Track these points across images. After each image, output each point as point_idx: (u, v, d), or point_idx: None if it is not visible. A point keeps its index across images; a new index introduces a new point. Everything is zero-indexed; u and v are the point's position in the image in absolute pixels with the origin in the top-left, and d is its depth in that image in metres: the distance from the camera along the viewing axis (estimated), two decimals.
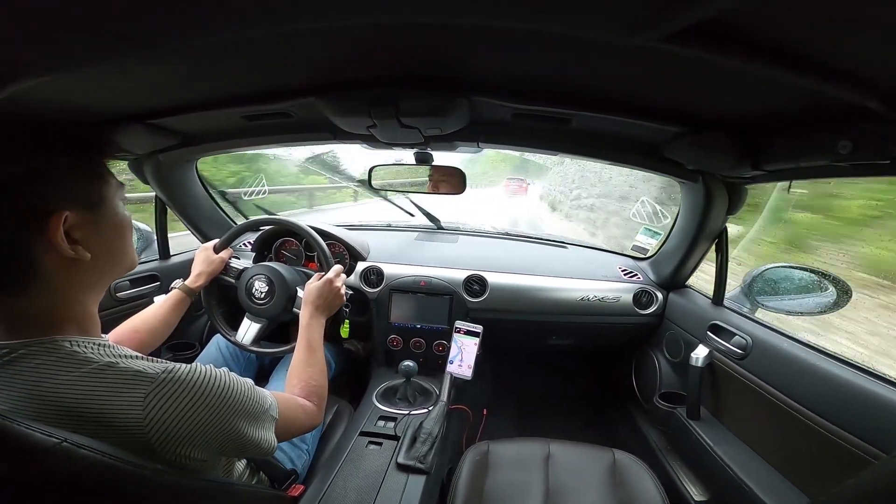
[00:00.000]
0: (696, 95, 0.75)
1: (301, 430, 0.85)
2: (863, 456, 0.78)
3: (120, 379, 0.50)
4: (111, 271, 0.60)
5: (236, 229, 1.34)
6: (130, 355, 0.55)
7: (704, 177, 1.12)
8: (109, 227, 0.58)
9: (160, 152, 1.26)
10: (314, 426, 0.88)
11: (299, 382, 0.90)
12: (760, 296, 1.28)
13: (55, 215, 0.50)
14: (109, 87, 0.80)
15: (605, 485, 1.08)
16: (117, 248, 0.60)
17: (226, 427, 0.58)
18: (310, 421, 0.85)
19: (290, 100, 0.90)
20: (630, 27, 0.45)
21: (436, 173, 1.35)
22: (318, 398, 0.90)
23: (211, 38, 0.52)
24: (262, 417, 0.66)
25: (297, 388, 0.89)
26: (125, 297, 1.39)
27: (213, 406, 0.56)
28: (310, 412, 0.85)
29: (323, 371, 0.96)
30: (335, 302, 1.13)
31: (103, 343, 0.55)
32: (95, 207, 0.55)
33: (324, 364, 0.98)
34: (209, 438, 0.56)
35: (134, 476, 0.48)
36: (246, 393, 0.62)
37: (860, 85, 0.53)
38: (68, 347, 0.51)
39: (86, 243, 0.53)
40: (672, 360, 1.46)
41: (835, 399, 0.86)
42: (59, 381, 0.49)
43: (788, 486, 0.96)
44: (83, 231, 0.53)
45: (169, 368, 0.53)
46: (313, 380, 0.92)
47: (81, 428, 0.47)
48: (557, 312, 1.54)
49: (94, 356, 0.52)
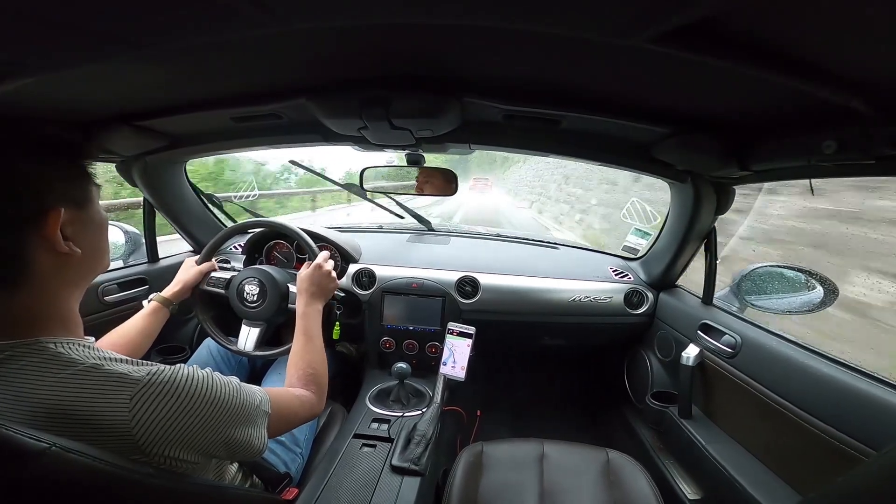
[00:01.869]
0: (684, 96, 0.75)
1: (300, 421, 0.83)
2: (851, 453, 0.79)
3: (105, 381, 0.50)
4: (94, 269, 0.61)
5: (217, 239, 1.32)
6: (115, 358, 0.54)
7: (693, 177, 1.13)
8: (94, 224, 0.59)
9: (148, 154, 1.25)
10: (314, 415, 0.86)
11: (297, 371, 0.90)
12: (749, 295, 1.30)
13: (53, 212, 0.51)
14: (96, 87, 0.79)
15: (600, 484, 1.09)
16: (101, 246, 0.61)
17: (213, 426, 0.57)
18: (309, 410, 0.84)
19: (281, 101, 0.90)
20: (620, 28, 0.45)
21: (427, 175, 1.35)
22: (318, 386, 0.89)
23: (200, 39, 0.52)
24: (252, 414, 0.65)
25: (296, 378, 0.89)
26: (113, 300, 1.37)
27: (199, 406, 0.55)
28: (308, 401, 0.84)
29: (323, 359, 0.96)
30: (329, 285, 1.13)
31: (88, 345, 0.55)
32: (83, 205, 0.56)
33: (323, 352, 0.98)
34: (197, 439, 0.55)
35: (124, 480, 0.48)
36: (232, 391, 0.61)
37: (845, 86, 0.54)
38: (53, 348, 0.51)
39: (76, 240, 0.54)
40: (663, 360, 1.47)
41: (823, 397, 0.88)
42: (45, 383, 0.49)
43: (780, 484, 0.97)
44: (73, 228, 0.54)
45: (153, 371, 0.53)
46: (311, 367, 0.91)
47: (69, 430, 0.47)
48: (549, 313, 1.55)
49: (78, 357, 0.51)
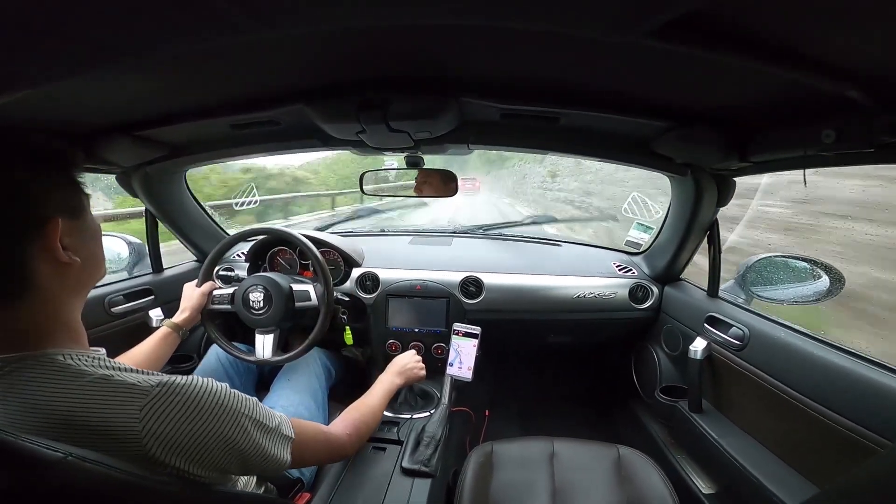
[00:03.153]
0: (683, 90, 0.75)
1: (322, 457, 0.84)
2: (866, 444, 0.78)
3: (115, 391, 0.50)
4: (92, 277, 0.61)
5: (211, 257, 1.32)
6: (125, 368, 0.54)
7: (693, 170, 1.12)
8: (90, 233, 0.59)
9: (148, 164, 1.25)
10: (340, 456, 0.87)
11: (350, 415, 0.93)
12: (755, 286, 1.29)
13: (51, 221, 0.51)
14: (94, 97, 0.79)
15: (612, 481, 1.08)
16: (97, 254, 0.61)
17: (226, 437, 0.56)
18: (338, 452, 0.84)
19: (279, 107, 0.90)
20: (616, 24, 0.45)
21: (426, 176, 1.35)
22: (358, 434, 0.90)
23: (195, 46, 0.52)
24: (270, 431, 0.64)
25: (345, 421, 0.90)
26: (120, 311, 1.38)
27: (212, 416, 0.55)
28: (339, 444, 0.84)
29: (376, 420, 1.00)
30: (416, 374, 1.23)
31: (97, 356, 0.55)
32: (79, 214, 0.57)
33: (379, 416, 1.02)
34: (209, 451, 0.55)
35: (139, 488, 0.48)
36: (248, 404, 0.61)
37: (842, 76, 0.54)
38: (62, 360, 0.51)
39: (74, 249, 0.54)
40: (671, 354, 1.47)
41: (835, 387, 0.87)
42: (55, 393, 0.49)
43: (795, 476, 0.96)
44: (71, 238, 0.54)
45: (164, 381, 0.53)
46: (364, 417, 0.94)
47: (81, 439, 0.47)
48: (554, 310, 1.55)
49: (87, 369, 0.51)
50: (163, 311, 1.45)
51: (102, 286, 1.38)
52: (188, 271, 1.68)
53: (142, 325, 1.43)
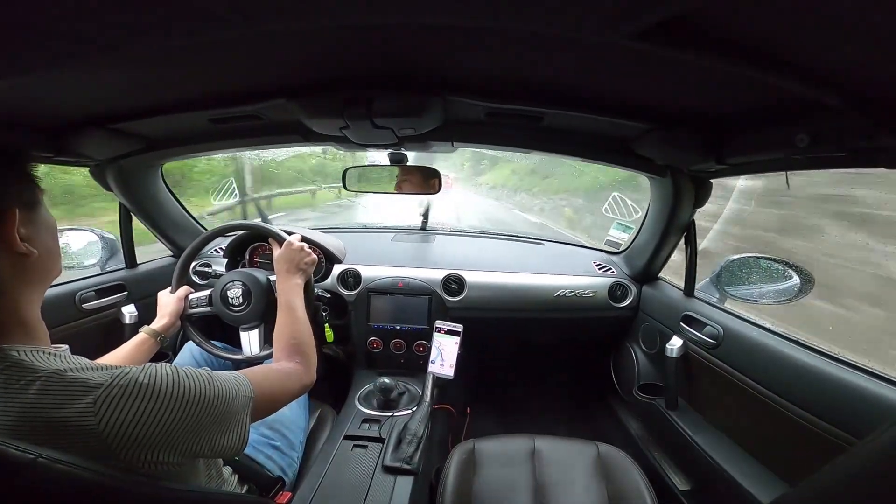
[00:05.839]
0: (663, 92, 0.77)
1: (290, 396, 0.81)
2: (834, 441, 0.80)
3: (67, 388, 0.49)
4: (50, 271, 0.60)
5: (184, 258, 1.27)
6: (82, 366, 0.52)
7: (672, 172, 1.15)
8: (45, 227, 0.58)
9: (123, 157, 1.21)
10: (304, 386, 0.85)
11: (281, 345, 0.91)
12: (729, 286, 1.33)
13: (9, 212, 0.51)
14: (68, 89, 0.76)
15: (592, 478, 1.10)
16: (54, 248, 0.60)
17: (185, 422, 0.54)
18: (298, 383, 0.83)
19: (260, 102, 0.88)
20: (599, 26, 0.46)
21: (406, 173, 1.34)
22: (303, 356, 0.88)
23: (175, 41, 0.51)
24: (230, 404, 0.62)
25: (281, 352, 0.90)
26: (91, 308, 1.33)
27: (167, 404, 0.53)
28: (295, 373, 0.83)
29: (307, 330, 0.96)
30: (305, 260, 1.13)
31: (53, 352, 0.54)
32: (34, 207, 0.56)
33: (307, 323, 0.98)
34: (171, 438, 0.53)
35: (112, 490, 0.47)
36: (203, 384, 0.58)
37: (818, 81, 0.55)
38: (16, 356, 0.50)
39: (30, 241, 0.53)
40: (648, 352, 1.50)
41: (805, 386, 0.89)
42: (10, 392, 0.48)
43: (767, 473, 0.99)
44: (27, 230, 0.53)
45: (116, 373, 0.51)
46: (294, 338, 0.92)
47: (43, 439, 0.46)
48: (535, 308, 1.56)
49: (41, 365, 0.50)
50: (136, 308, 1.41)
51: (73, 281, 1.33)
52: (163, 266, 1.63)
53: (114, 322, 1.38)
